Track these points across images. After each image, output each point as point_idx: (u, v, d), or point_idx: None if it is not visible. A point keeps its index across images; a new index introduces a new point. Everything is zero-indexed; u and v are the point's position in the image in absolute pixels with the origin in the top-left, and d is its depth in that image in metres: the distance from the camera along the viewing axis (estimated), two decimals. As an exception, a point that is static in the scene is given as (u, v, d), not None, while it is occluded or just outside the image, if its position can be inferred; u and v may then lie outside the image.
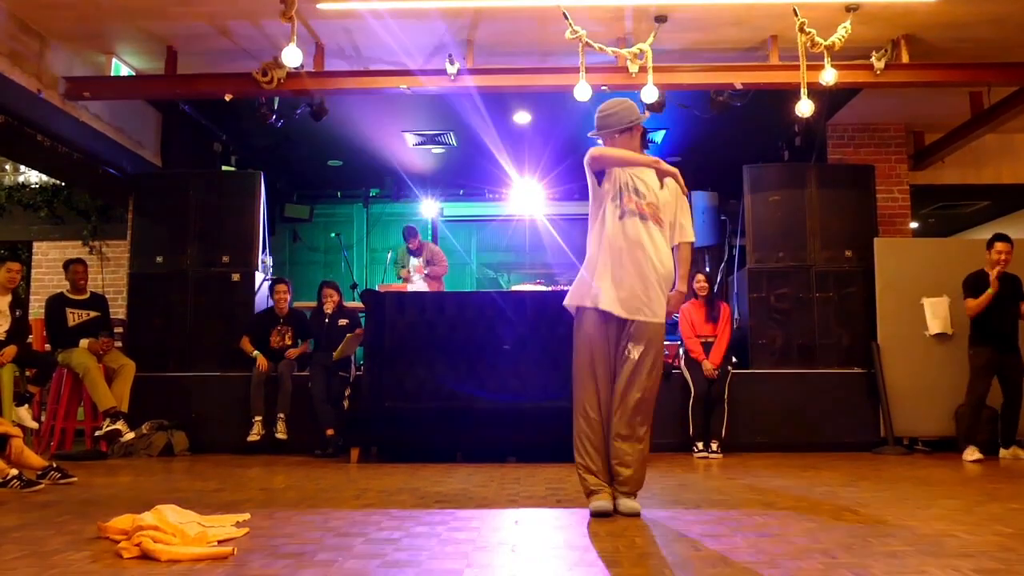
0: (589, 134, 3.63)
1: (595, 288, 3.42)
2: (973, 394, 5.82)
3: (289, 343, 6.66)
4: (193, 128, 8.11)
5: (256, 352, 6.53)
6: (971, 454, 5.68)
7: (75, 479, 4.51)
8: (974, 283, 5.93)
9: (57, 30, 6.16)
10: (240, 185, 7.35)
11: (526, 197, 10.11)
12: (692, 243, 3.62)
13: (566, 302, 3.57)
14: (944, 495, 4.07)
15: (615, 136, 3.54)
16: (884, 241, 7.00)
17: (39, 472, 4.42)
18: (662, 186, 3.49)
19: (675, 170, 3.33)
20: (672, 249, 3.54)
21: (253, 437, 6.26)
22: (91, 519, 3.21)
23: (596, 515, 3.34)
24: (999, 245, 5.84)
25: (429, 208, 10.46)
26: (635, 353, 3.38)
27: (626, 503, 3.41)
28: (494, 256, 12.09)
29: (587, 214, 3.63)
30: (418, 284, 8.17)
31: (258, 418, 6.32)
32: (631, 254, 3.37)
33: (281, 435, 6.31)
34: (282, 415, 6.34)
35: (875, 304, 6.78)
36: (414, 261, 8.37)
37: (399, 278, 8.53)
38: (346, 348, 6.33)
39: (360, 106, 7.76)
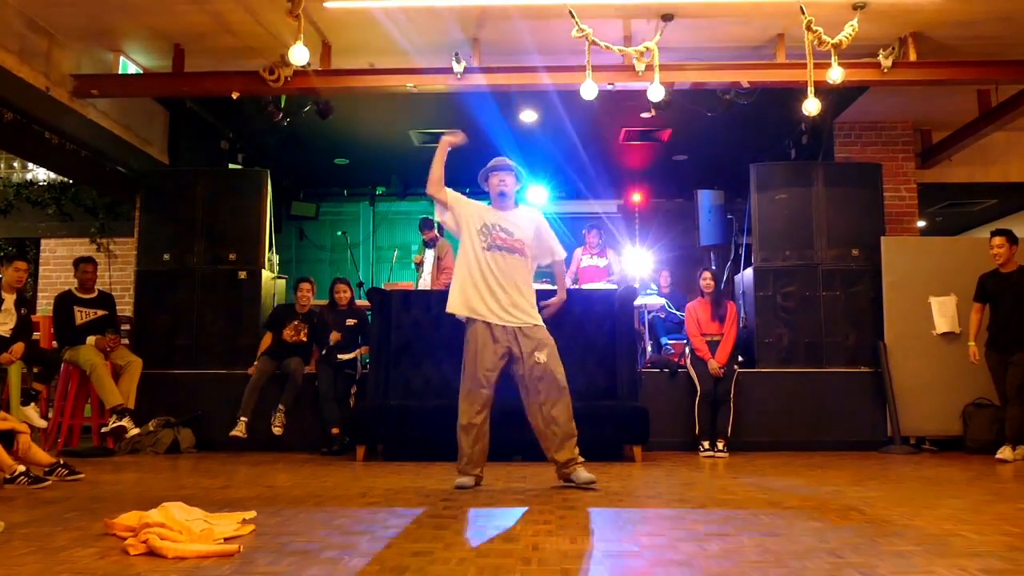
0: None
1: (473, 303, 4.18)
2: None
3: (304, 339, 6.60)
4: (200, 126, 8.13)
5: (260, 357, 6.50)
6: None
7: (82, 475, 4.53)
8: (980, 284, 6.01)
9: (65, 28, 6.18)
10: (247, 183, 7.35)
11: (532, 195, 10.09)
12: (562, 260, 4.55)
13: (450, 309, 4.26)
14: (951, 494, 4.06)
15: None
16: (891, 240, 6.98)
17: (46, 468, 4.44)
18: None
19: None
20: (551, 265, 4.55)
21: (236, 433, 6.17)
22: (98, 516, 3.22)
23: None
24: (992, 240, 5.91)
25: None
26: (541, 357, 4.14)
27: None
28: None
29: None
30: (426, 279, 8.12)
31: (243, 419, 6.24)
32: (497, 276, 4.17)
33: (277, 430, 6.25)
34: (282, 407, 6.30)
35: (882, 303, 6.76)
36: (429, 253, 8.31)
37: (414, 264, 8.53)
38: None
39: (366, 104, 7.76)
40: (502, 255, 4.20)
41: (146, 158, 7.54)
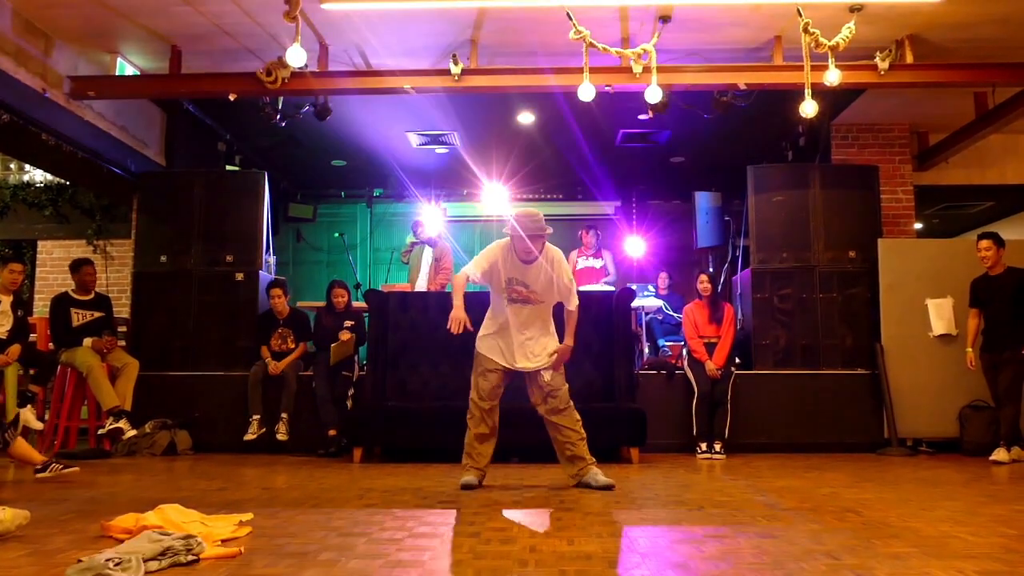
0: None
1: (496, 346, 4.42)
2: None
3: (292, 346, 6.61)
4: (197, 127, 8.12)
5: (268, 359, 6.51)
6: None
7: (77, 468, 4.54)
8: (972, 289, 6.07)
9: (62, 29, 6.17)
10: (244, 185, 7.34)
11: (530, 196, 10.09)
12: (575, 309, 4.43)
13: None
14: (948, 496, 4.06)
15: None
16: (888, 242, 6.99)
17: (38, 466, 4.44)
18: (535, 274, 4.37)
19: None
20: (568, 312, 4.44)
21: (250, 436, 6.24)
22: (95, 518, 3.21)
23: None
24: (979, 243, 5.98)
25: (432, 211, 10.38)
26: (547, 376, 4.35)
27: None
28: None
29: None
30: (422, 281, 8.07)
31: (256, 416, 6.30)
32: (517, 327, 4.36)
33: (282, 436, 6.29)
34: (284, 416, 6.33)
35: (879, 305, 6.77)
36: (428, 252, 8.25)
37: (403, 262, 8.46)
38: (338, 353, 6.32)
39: (364, 106, 7.76)
40: (518, 307, 4.37)
41: (143, 160, 7.54)
